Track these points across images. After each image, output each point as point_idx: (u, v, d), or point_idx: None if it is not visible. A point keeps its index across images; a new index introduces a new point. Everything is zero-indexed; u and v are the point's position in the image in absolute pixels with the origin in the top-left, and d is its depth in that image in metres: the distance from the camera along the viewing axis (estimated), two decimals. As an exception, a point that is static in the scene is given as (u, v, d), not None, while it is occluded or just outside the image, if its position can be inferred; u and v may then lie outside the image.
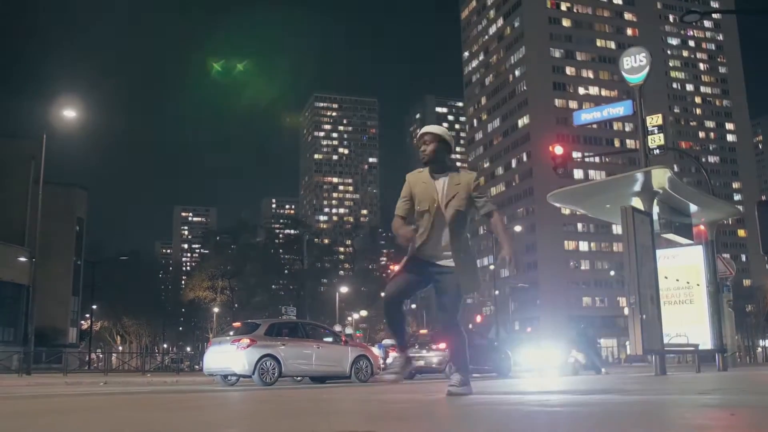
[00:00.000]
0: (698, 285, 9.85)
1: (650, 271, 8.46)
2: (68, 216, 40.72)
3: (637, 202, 8.89)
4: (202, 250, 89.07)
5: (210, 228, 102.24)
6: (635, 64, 11.14)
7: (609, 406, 3.13)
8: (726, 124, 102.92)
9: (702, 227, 10.66)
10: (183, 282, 69.86)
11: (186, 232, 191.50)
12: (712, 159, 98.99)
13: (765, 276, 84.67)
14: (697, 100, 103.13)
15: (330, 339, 12.75)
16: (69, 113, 21.93)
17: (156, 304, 60.61)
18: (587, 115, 15.03)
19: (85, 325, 48.83)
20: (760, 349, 72.77)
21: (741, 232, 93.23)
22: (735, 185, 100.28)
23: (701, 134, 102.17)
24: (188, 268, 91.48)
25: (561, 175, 16.63)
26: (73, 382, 13.74)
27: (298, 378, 13.06)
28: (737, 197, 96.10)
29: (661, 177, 8.77)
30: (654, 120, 11.97)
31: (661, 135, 11.84)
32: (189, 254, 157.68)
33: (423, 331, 22.56)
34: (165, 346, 71.08)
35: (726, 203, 12.62)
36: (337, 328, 31.72)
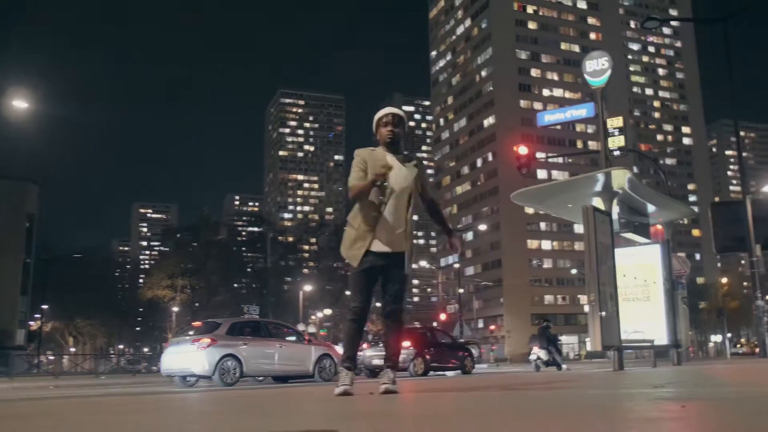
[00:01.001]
0: (655, 282, 10.09)
1: (609, 269, 8.61)
2: (17, 212, 38.91)
3: (597, 202, 9.03)
4: (161, 248, 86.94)
5: (170, 225, 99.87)
6: (597, 68, 11.34)
7: (563, 399, 3.15)
8: (683, 127, 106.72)
9: (659, 227, 10.92)
10: (141, 281, 67.94)
11: (145, 230, 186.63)
12: (669, 161, 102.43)
13: (717, 274, 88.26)
14: (656, 104, 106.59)
15: (293, 338, 12.58)
16: (19, 104, 20.57)
17: (111, 304, 58.62)
18: (550, 116, 15.29)
19: (34, 326, 46.76)
20: (711, 344, 75.69)
21: (695, 232, 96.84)
22: (690, 187, 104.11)
23: (659, 137, 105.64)
24: (147, 266, 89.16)
25: (525, 175, 16.82)
26: (20, 387, 13.14)
27: (260, 378, 12.85)
28: (692, 198, 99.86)
29: (620, 178, 8.94)
30: (614, 122, 12.22)
31: (622, 137, 12.10)
32: (148, 252, 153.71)
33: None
34: (121, 347, 68.99)
35: (682, 204, 12.99)
36: (301, 327, 31.43)
